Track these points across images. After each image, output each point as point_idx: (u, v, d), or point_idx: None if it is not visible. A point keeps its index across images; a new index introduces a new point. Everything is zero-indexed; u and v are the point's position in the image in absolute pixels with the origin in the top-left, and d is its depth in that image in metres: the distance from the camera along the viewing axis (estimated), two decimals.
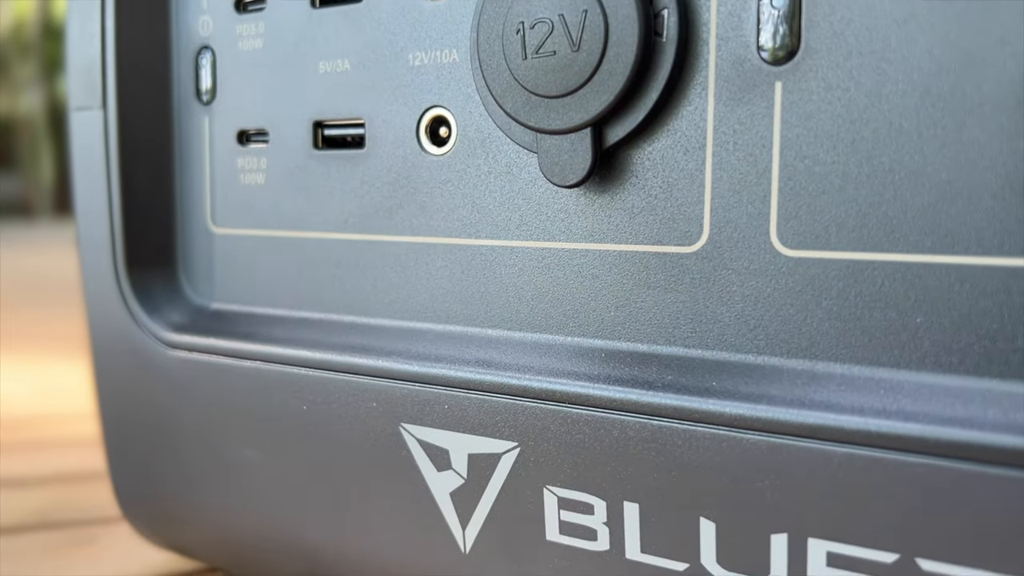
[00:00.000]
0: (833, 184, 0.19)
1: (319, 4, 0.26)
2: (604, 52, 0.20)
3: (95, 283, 0.30)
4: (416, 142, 0.24)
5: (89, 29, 0.29)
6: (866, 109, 0.18)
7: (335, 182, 0.26)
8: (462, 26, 0.23)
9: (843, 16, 0.19)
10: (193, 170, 0.29)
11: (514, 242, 0.23)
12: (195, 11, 0.28)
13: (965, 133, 0.18)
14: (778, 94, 0.19)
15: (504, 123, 0.22)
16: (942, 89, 0.18)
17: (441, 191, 0.24)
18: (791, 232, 0.19)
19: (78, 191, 0.30)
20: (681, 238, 0.21)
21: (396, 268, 0.25)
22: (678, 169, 0.21)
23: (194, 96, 0.29)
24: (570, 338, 0.22)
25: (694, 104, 0.20)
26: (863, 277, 0.19)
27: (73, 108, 0.29)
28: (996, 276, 0.18)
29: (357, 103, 0.25)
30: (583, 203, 0.22)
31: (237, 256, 0.28)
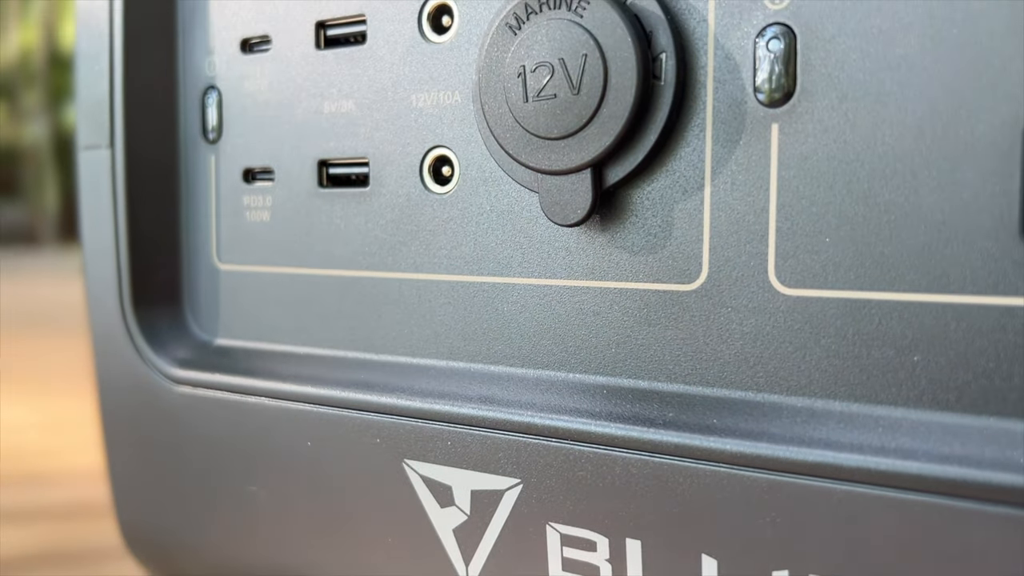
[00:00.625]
0: (830, 224, 0.19)
1: (323, 46, 0.26)
2: (604, 95, 0.20)
3: (101, 318, 0.31)
4: (419, 181, 0.25)
5: (97, 69, 0.29)
6: (861, 151, 0.19)
7: (339, 220, 0.26)
8: (464, 68, 0.24)
9: (838, 60, 0.19)
10: (199, 208, 0.30)
11: (516, 279, 0.23)
12: (201, 52, 0.29)
13: (959, 175, 0.18)
14: (775, 136, 0.20)
15: (506, 163, 0.23)
16: (936, 131, 0.18)
17: (444, 229, 0.24)
18: (789, 271, 0.20)
19: (85, 228, 0.30)
20: (681, 276, 0.21)
21: (400, 305, 0.25)
22: (677, 209, 0.21)
23: (200, 135, 0.29)
24: (572, 374, 0.23)
25: (692, 145, 0.21)
26: (860, 316, 0.19)
27: (81, 147, 0.30)
28: (991, 315, 0.18)
29: (361, 142, 0.26)
30: (584, 241, 0.22)
31: (242, 292, 0.29)
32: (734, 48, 0.20)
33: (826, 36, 0.19)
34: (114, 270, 0.30)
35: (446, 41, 0.24)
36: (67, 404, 0.72)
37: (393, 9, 0.25)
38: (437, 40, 0.24)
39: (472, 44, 0.23)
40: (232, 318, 0.29)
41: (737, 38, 0.20)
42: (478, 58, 0.22)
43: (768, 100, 0.20)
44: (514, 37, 0.21)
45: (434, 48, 0.24)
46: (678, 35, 0.20)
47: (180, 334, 0.30)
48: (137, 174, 0.29)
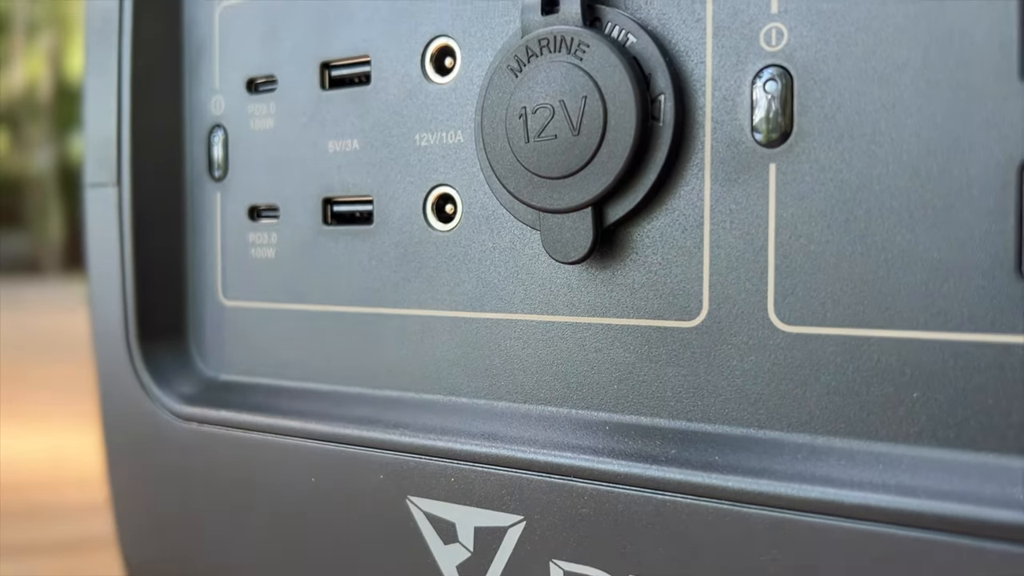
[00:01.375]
0: (828, 262, 0.19)
1: (328, 86, 0.27)
2: (603, 136, 0.21)
3: (107, 354, 0.31)
4: (423, 218, 0.25)
5: (105, 108, 0.30)
6: (858, 190, 0.19)
7: (344, 256, 0.27)
8: (467, 109, 0.24)
9: (834, 101, 0.19)
10: (205, 244, 0.30)
11: (518, 315, 0.24)
12: (208, 91, 0.29)
13: (954, 213, 0.18)
14: (772, 175, 0.20)
15: (508, 202, 0.23)
16: (931, 171, 0.18)
17: (447, 265, 0.25)
18: (788, 308, 0.20)
19: (92, 264, 0.31)
20: (681, 313, 0.21)
21: (403, 341, 0.26)
22: (677, 246, 0.21)
23: (206, 173, 0.30)
24: (574, 411, 0.23)
25: (691, 184, 0.21)
26: (860, 353, 0.19)
27: (88, 184, 0.30)
28: (989, 352, 0.18)
29: (366, 181, 0.26)
30: (585, 278, 0.23)
31: (247, 328, 0.29)
32: (731, 89, 0.20)
33: (822, 78, 0.19)
34: (120, 306, 0.30)
35: (449, 82, 0.24)
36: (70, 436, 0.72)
37: (397, 50, 0.25)
38: (440, 81, 0.25)
39: (474, 85, 0.24)
40: (237, 354, 0.29)
41: (734, 80, 0.20)
42: (480, 99, 0.23)
43: (765, 140, 0.20)
44: (515, 79, 0.22)
45: (437, 89, 0.25)
46: (676, 77, 0.21)
47: (185, 370, 0.30)
48: (143, 211, 0.29)
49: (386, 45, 0.25)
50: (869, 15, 0.19)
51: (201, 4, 0.29)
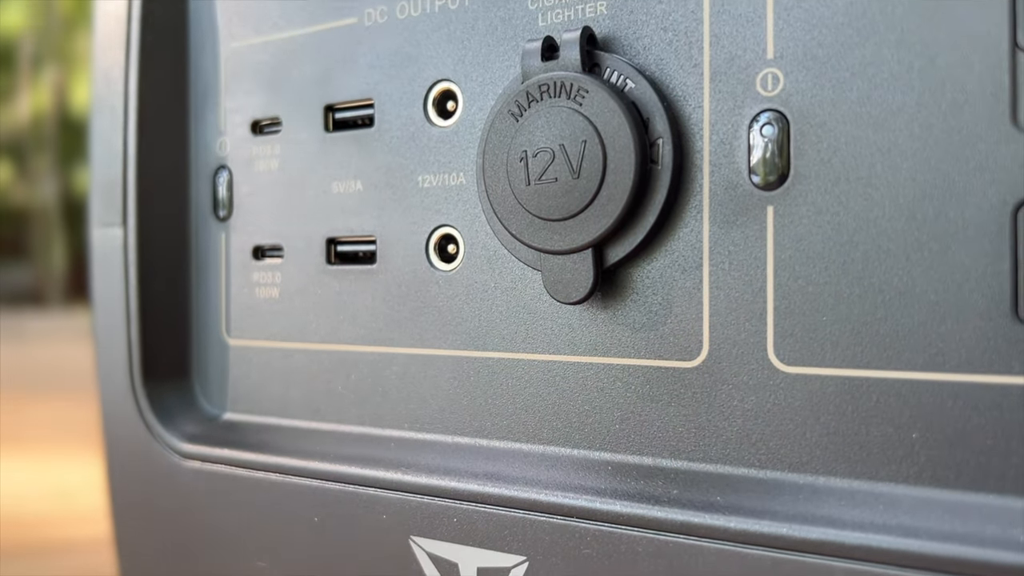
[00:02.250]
0: (826, 303, 0.20)
1: (332, 128, 0.27)
2: (603, 179, 0.21)
3: (111, 393, 0.31)
4: (425, 258, 0.25)
5: (112, 150, 0.30)
6: (855, 232, 0.19)
7: (347, 296, 0.27)
8: (468, 151, 0.24)
9: (830, 145, 0.20)
10: (209, 284, 0.30)
11: (520, 355, 0.24)
12: (213, 132, 0.30)
13: (950, 256, 0.18)
14: (770, 217, 0.20)
15: (509, 243, 0.23)
16: (926, 214, 0.19)
17: (449, 305, 0.25)
18: (788, 349, 0.20)
19: (97, 303, 0.31)
20: (682, 353, 0.21)
21: (406, 380, 0.26)
22: (677, 287, 0.22)
23: (211, 213, 0.30)
24: (576, 451, 0.23)
25: (690, 226, 0.21)
26: (859, 393, 0.19)
27: (95, 224, 0.31)
28: (987, 393, 0.18)
29: (369, 221, 0.26)
30: (586, 318, 0.23)
31: (251, 367, 0.29)
32: (729, 133, 0.21)
33: (818, 122, 0.20)
34: (124, 345, 0.30)
35: (451, 125, 0.25)
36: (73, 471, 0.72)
37: (400, 94, 0.26)
38: (442, 124, 0.25)
39: (476, 128, 0.24)
40: (240, 393, 0.29)
41: (731, 124, 0.21)
42: (481, 142, 0.23)
43: (763, 183, 0.20)
44: (516, 123, 0.22)
45: (439, 131, 0.25)
46: (674, 121, 0.21)
47: (189, 408, 0.30)
48: (149, 251, 0.30)
49: (389, 89, 0.26)
50: (863, 61, 0.19)
51: (207, 48, 0.30)
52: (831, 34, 0.20)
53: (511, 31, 0.23)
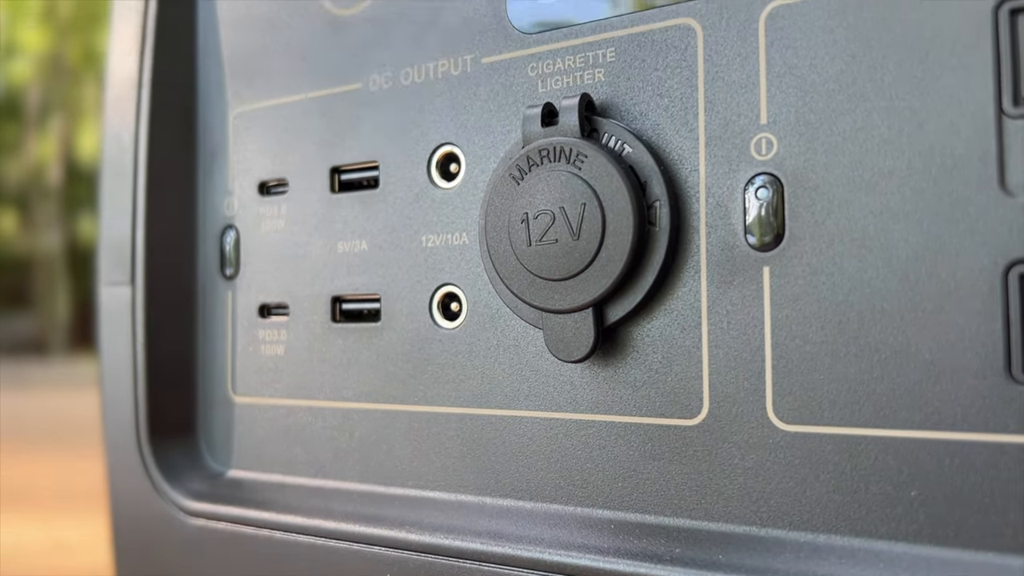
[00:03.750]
0: (824, 362, 0.20)
1: (338, 189, 0.28)
2: (602, 240, 0.22)
3: (117, 450, 0.31)
4: (429, 316, 0.26)
5: (121, 210, 0.31)
6: (850, 292, 0.20)
7: (351, 354, 0.27)
8: (471, 212, 0.25)
9: (823, 207, 0.20)
10: (216, 341, 0.31)
11: (523, 412, 0.24)
12: (221, 192, 0.30)
13: (944, 316, 0.19)
14: (766, 278, 0.21)
15: (511, 302, 0.24)
16: (919, 274, 0.19)
17: (453, 363, 0.25)
18: (786, 407, 0.20)
19: (104, 362, 0.31)
20: (683, 411, 0.22)
21: (409, 437, 0.26)
22: (676, 346, 0.22)
23: (218, 271, 0.31)
24: (579, 509, 0.23)
25: (688, 286, 0.22)
26: (858, 452, 0.20)
27: (103, 283, 0.31)
28: (984, 452, 0.18)
29: (373, 280, 0.27)
30: (588, 376, 0.23)
31: (256, 424, 0.29)
32: (724, 196, 0.21)
33: (811, 185, 0.20)
34: (131, 402, 0.30)
35: (454, 187, 0.25)
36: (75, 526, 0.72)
37: (404, 157, 0.26)
38: (445, 186, 0.26)
39: (478, 190, 0.25)
40: (246, 450, 0.30)
41: (727, 187, 0.21)
42: (484, 204, 0.24)
43: (759, 244, 0.21)
44: (517, 186, 0.23)
45: (442, 193, 0.26)
46: (671, 184, 0.22)
47: (194, 465, 0.30)
48: (156, 310, 0.30)
49: (394, 151, 0.26)
50: (854, 126, 0.20)
51: (215, 111, 0.31)
52: (822, 100, 0.20)
53: (512, 97, 0.24)
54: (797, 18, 0.21)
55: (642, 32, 0.22)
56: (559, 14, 0.24)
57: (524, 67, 0.24)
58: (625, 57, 0.23)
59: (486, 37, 0.25)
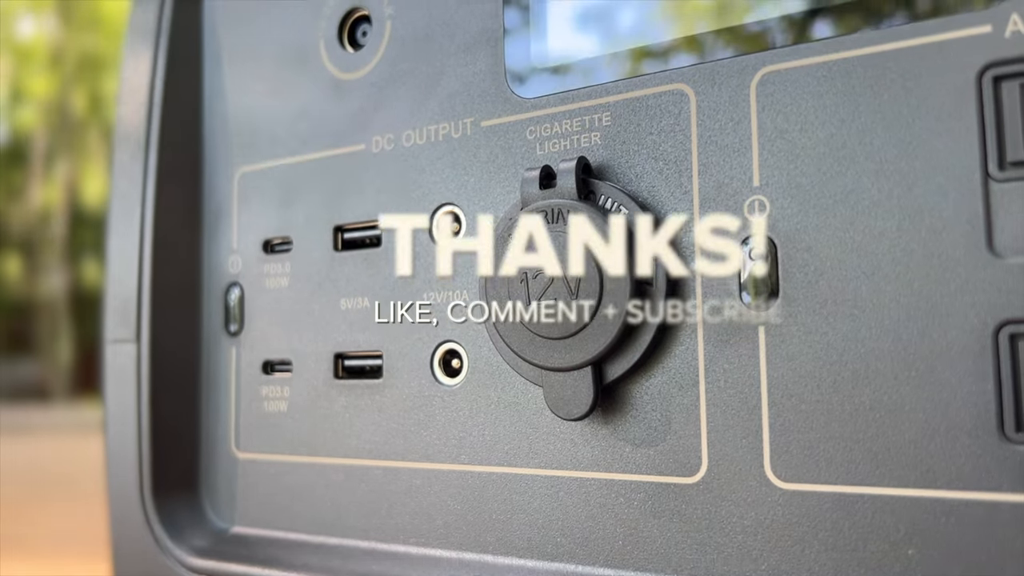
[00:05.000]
0: (819, 421, 0.20)
1: (341, 247, 0.28)
2: (600, 299, 0.22)
3: (120, 505, 0.31)
4: (430, 373, 0.26)
5: (127, 268, 0.31)
6: (844, 352, 0.20)
7: (354, 410, 0.28)
8: (471, 270, 0.25)
9: (816, 268, 0.21)
10: (219, 397, 0.31)
11: (523, 470, 0.24)
12: (226, 251, 0.31)
13: (936, 375, 0.19)
14: (762, 337, 0.21)
15: (511, 359, 0.24)
16: (911, 335, 0.19)
17: (454, 420, 0.26)
18: (784, 465, 0.21)
19: (109, 418, 0.32)
20: (682, 469, 0.22)
21: (411, 494, 0.26)
22: (675, 404, 0.22)
23: (223, 328, 0.31)
24: (580, 567, 0.23)
25: (685, 345, 0.22)
26: (855, 509, 0.20)
27: (109, 340, 0.32)
28: (979, 510, 0.19)
29: (376, 337, 0.27)
30: (588, 434, 0.23)
31: (259, 480, 0.30)
32: (720, 257, 0.22)
33: (803, 246, 0.21)
34: (135, 458, 0.31)
35: (455, 245, 0.26)
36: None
37: (405, 218, 0.27)
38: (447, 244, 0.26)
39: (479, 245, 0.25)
40: (249, 506, 0.30)
41: (722, 247, 0.22)
42: (484, 263, 0.24)
43: (754, 304, 0.21)
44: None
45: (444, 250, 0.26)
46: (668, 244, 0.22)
47: (197, 522, 0.30)
48: (161, 366, 0.30)
49: (396, 211, 0.27)
50: (845, 189, 0.20)
51: (220, 171, 0.31)
52: (813, 164, 0.21)
53: (511, 160, 0.25)
54: (787, 84, 0.21)
55: (637, 97, 0.23)
56: (557, 79, 0.24)
57: (523, 130, 0.25)
58: (620, 121, 0.23)
59: (486, 101, 0.25)
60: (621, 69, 0.24)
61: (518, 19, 0.25)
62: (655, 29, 0.23)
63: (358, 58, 0.28)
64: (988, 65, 0.19)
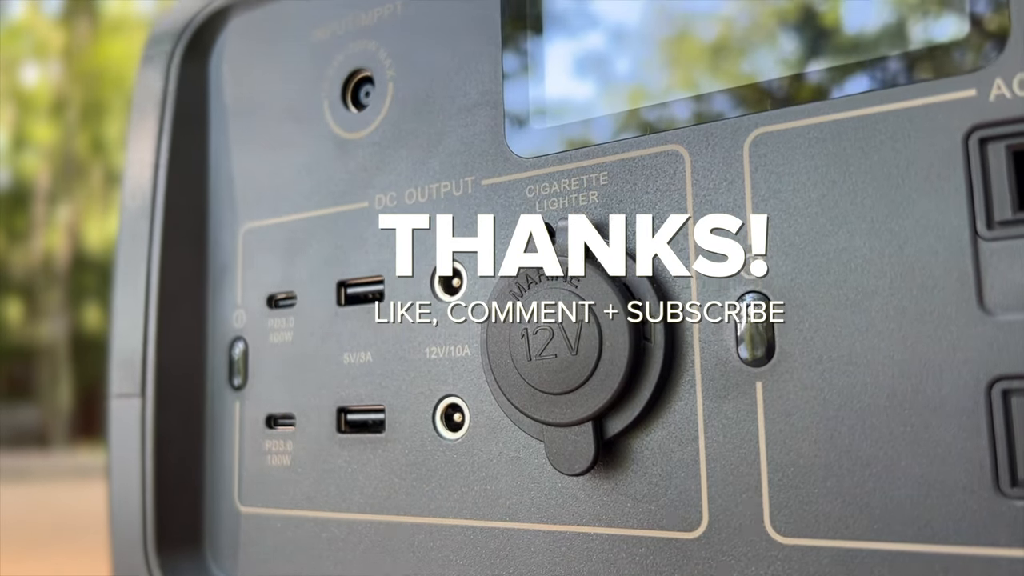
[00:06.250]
0: (817, 476, 0.21)
1: (344, 302, 0.29)
2: (600, 356, 0.22)
3: (124, 559, 0.31)
4: (432, 427, 0.26)
5: (132, 324, 0.31)
6: (840, 408, 0.20)
7: (356, 464, 0.28)
8: (473, 324, 0.26)
9: (811, 325, 0.21)
10: (223, 451, 0.31)
11: (525, 525, 0.25)
12: (230, 305, 0.31)
13: (931, 432, 0.19)
14: (759, 393, 0.21)
15: (513, 414, 0.24)
16: (906, 391, 0.20)
17: (456, 474, 0.26)
18: (783, 520, 0.21)
19: (113, 472, 0.32)
20: (683, 524, 0.22)
21: (414, 549, 0.26)
22: (675, 459, 0.22)
23: (226, 382, 0.31)
24: None
25: (684, 400, 0.22)
26: (855, 564, 0.20)
27: (113, 395, 0.32)
28: (976, 566, 0.19)
29: (378, 391, 0.27)
30: (589, 489, 0.24)
31: (262, 535, 0.30)
32: (717, 313, 0.22)
33: (799, 303, 0.21)
34: (139, 513, 0.31)
35: (456, 300, 0.26)
36: None
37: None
38: (448, 299, 0.26)
39: (480, 301, 0.26)
40: (252, 561, 0.30)
41: (719, 304, 0.22)
42: (485, 319, 0.25)
43: (751, 359, 0.22)
44: (517, 302, 0.24)
45: (445, 305, 0.26)
46: (664, 302, 0.22)
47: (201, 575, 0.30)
48: (165, 421, 0.31)
49: (399, 267, 0.27)
50: (838, 247, 0.21)
51: (225, 226, 0.32)
52: (806, 223, 0.21)
53: (511, 217, 0.25)
54: (779, 145, 0.22)
55: (633, 158, 0.24)
56: (555, 139, 0.25)
57: (522, 189, 0.25)
58: (617, 180, 0.24)
59: (486, 160, 0.26)
60: (618, 129, 0.24)
61: (517, 82, 0.26)
62: (652, 83, 0.24)
63: (361, 118, 0.29)
64: (974, 127, 0.20)
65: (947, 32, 0.20)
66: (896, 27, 0.21)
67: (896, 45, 0.21)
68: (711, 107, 0.23)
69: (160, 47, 0.33)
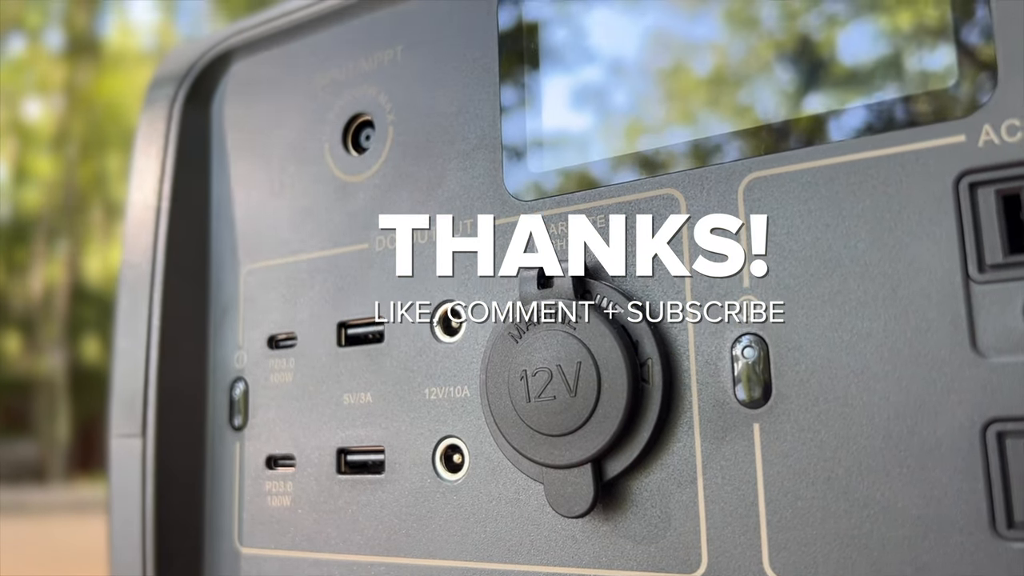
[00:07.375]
0: (815, 517, 0.21)
1: (344, 343, 0.29)
2: (598, 398, 0.22)
3: None
4: (432, 469, 0.26)
5: (134, 365, 0.32)
6: (836, 449, 0.21)
7: (356, 505, 0.28)
8: (473, 365, 0.26)
9: (807, 367, 0.21)
10: (223, 492, 0.31)
11: (525, 567, 0.25)
12: (231, 346, 0.32)
13: (927, 473, 0.20)
14: (757, 434, 0.22)
15: (512, 456, 0.24)
16: (902, 432, 0.20)
17: (455, 516, 0.26)
18: (782, 562, 0.21)
19: (113, 512, 0.32)
20: (682, 566, 0.22)
21: None
22: (674, 500, 0.23)
23: (227, 422, 0.31)
24: None
25: (683, 441, 0.22)
26: None
27: (114, 435, 0.32)
28: None
29: (378, 432, 0.28)
30: (589, 530, 0.24)
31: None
32: (713, 355, 0.22)
33: (794, 345, 0.21)
34: (139, 552, 0.31)
35: (456, 342, 0.26)
36: None
37: (408, 314, 0.27)
38: (448, 341, 0.27)
39: (479, 344, 0.26)
40: None
41: (715, 346, 0.22)
42: (484, 361, 0.25)
43: (748, 401, 0.22)
44: (516, 344, 0.24)
45: (445, 347, 0.27)
46: (662, 343, 0.23)
47: None
48: (166, 461, 0.31)
49: (399, 308, 0.28)
50: (832, 290, 0.21)
51: (226, 268, 0.32)
52: (800, 266, 0.21)
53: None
54: (773, 189, 0.22)
55: (629, 201, 0.24)
56: (552, 182, 0.25)
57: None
58: (615, 223, 0.24)
59: (484, 203, 0.26)
60: (615, 172, 0.24)
61: (515, 118, 0.26)
62: (649, 116, 0.24)
63: (361, 161, 0.29)
64: (964, 172, 0.20)
65: (936, 79, 0.21)
66: (887, 68, 0.22)
67: (889, 85, 0.21)
68: (706, 150, 0.23)
69: (163, 90, 0.34)
